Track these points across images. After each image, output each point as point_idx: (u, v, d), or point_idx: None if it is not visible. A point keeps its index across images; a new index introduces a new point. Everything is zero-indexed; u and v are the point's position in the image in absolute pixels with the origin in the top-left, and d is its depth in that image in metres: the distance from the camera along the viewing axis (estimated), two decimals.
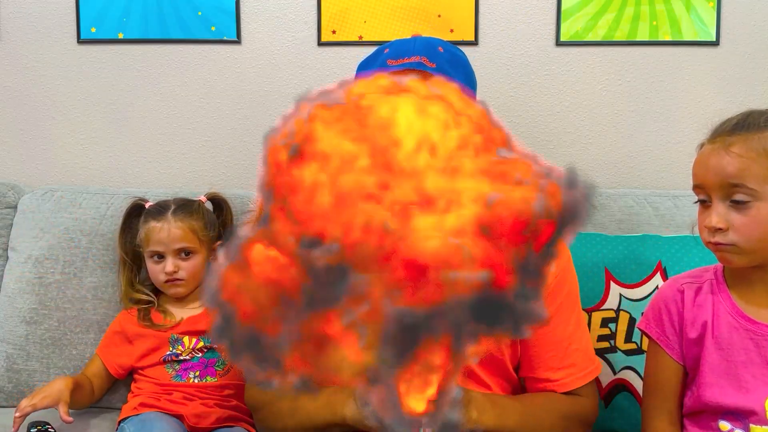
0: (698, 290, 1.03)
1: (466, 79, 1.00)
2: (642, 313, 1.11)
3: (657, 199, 1.52)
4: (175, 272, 1.38)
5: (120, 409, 1.38)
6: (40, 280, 1.50)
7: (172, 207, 1.42)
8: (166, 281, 1.39)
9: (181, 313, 1.42)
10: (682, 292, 1.04)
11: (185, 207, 1.42)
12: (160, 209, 1.42)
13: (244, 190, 1.62)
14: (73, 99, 1.75)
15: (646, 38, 1.69)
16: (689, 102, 1.70)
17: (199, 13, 1.70)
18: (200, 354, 1.38)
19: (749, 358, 0.96)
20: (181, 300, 1.43)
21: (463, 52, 1.06)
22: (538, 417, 1.04)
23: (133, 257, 1.46)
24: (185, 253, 1.39)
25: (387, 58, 0.99)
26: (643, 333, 1.09)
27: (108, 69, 1.73)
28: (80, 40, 1.72)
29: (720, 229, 0.92)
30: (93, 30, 1.72)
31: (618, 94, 1.72)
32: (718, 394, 0.98)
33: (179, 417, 1.31)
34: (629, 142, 1.72)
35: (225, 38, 1.71)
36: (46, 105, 1.75)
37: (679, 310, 1.03)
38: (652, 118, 1.71)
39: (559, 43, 1.70)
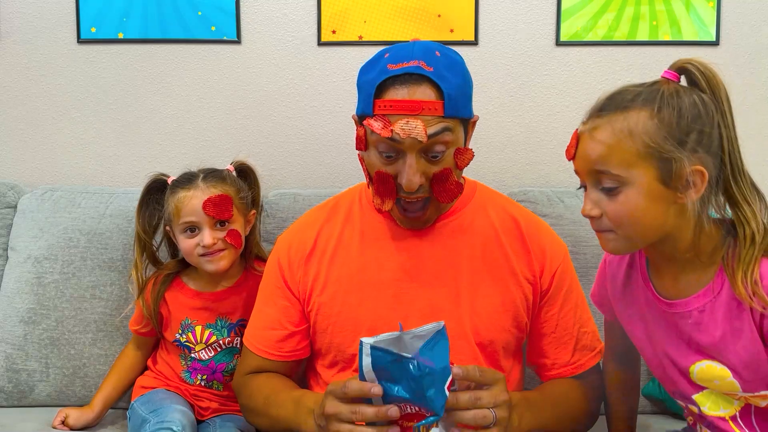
0: (621, 261, 1.02)
1: (463, 81, 1.02)
2: None
3: None
4: (213, 244, 1.27)
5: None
6: (38, 279, 1.50)
7: (201, 175, 1.32)
8: (204, 255, 1.29)
9: (202, 287, 1.36)
10: (606, 263, 1.05)
11: (215, 174, 1.33)
12: (189, 178, 1.32)
13: None
14: (73, 99, 1.75)
15: (646, 38, 1.69)
16: None
17: (199, 13, 1.70)
18: (211, 355, 1.34)
19: (666, 332, 0.95)
20: (204, 274, 1.34)
21: (460, 56, 1.07)
22: (566, 406, 1.09)
23: (147, 240, 1.37)
24: (221, 223, 1.29)
25: (387, 62, 1.00)
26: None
27: (108, 69, 1.74)
28: (80, 40, 1.72)
29: (595, 216, 0.89)
30: (93, 30, 1.72)
31: None
32: (658, 368, 0.98)
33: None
34: None
35: (225, 38, 1.71)
36: (46, 105, 1.75)
37: (604, 277, 1.05)
38: None
39: (559, 43, 1.70)
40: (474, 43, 1.70)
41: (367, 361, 0.86)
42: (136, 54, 1.73)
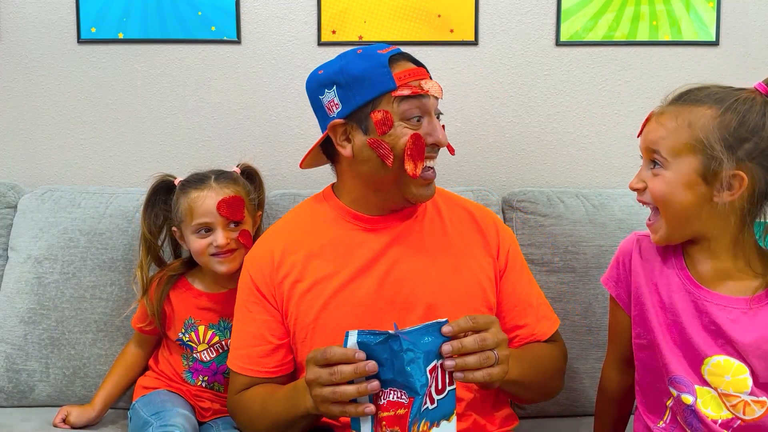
0: (657, 248, 1.04)
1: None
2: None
3: None
4: (227, 245, 1.28)
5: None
6: (38, 280, 1.50)
7: (212, 176, 1.32)
8: (215, 255, 1.29)
9: (207, 287, 1.36)
10: (637, 242, 1.07)
11: (226, 175, 1.34)
12: (200, 178, 1.32)
13: None
14: (73, 99, 1.75)
15: (646, 38, 1.69)
16: None
17: (199, 13, 1.70)
18: (213, 356, 1.34)
19: (690, 320, 0.98)
20: (210, 274, 1.35)
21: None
22: (543, 364, 1.14)
23: (152, 240, 1.36)
24: (234, 223, 1.30)
25: (375, 50, 1.11)
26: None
27: (108, 69, 1.74)
28: (80, 40, 1.72)
29: (638, 189, 0.99)
30: (93, 30, 1.72)
31: (618, 94, 1.71)
32: (669, 353, 0.99)
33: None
34: (629, 142, 1.72)
35: (225, 38, 1.71)
36: (46, 105, 1.75)
37: (630, 259, 1.06)
38: None
39: (559, 43, 1.70)
40: (474, 43, 1.70)
41: (351, 345, 0.87)
42: (136, 54, 1.73)
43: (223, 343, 1.34)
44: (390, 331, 0.86)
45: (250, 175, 1.41)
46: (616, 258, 1.09)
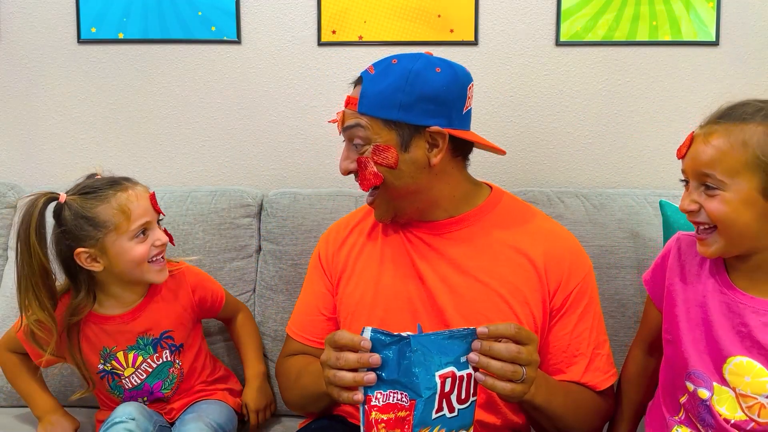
0: (694, 244, 1.03)
1: (391, 86, 1.04)
2: None
3: (657, 199, 1.52)
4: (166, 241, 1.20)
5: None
6: None
7: (118, 178, 1.20)
8: (153, 261, 1.19)
9: (110, 310, 1.24)
10: (677, 241, 1.07)
11: (120, 177, 1.22)
12: (112, 182, 1.18)
13: (243, 187, 1.63)
14: (73, 99, 1.75)
15: (645, 38, 1.69)
16: (689, 102, 1.70)
17: (199, 13, 1.70)
18: (143, 378, 1.25)
19: (720, 320, 0.98)
20: (111, 295, 1.23)
21: (422, 67, 1.05)
22: (576, 405, 1.08)
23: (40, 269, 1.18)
24: (158, 220, 1.22)
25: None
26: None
27: (108, 69, 1.74)
28: (80, 40, 1.73)
29: (692, 210, 0.95)
30: (93, 30, 1.72)
31: (618, 94, 1.71)
32: (691, 348, 1.00)
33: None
34: (629, 142, 1.72)
35: (225, 38, 1.71)
36: (46, 105, 1.75)
37: (669, 256, 1.07)
38: (652, 118, 1.71)
39: (559, 43, 1.70)
40: (474, 43, 1.70)
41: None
42: (136, 54, 1.73)
43: (149, 360, 1.25)
44: (403, 334, 0.86)
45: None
46: (658, 257, 1.10)
